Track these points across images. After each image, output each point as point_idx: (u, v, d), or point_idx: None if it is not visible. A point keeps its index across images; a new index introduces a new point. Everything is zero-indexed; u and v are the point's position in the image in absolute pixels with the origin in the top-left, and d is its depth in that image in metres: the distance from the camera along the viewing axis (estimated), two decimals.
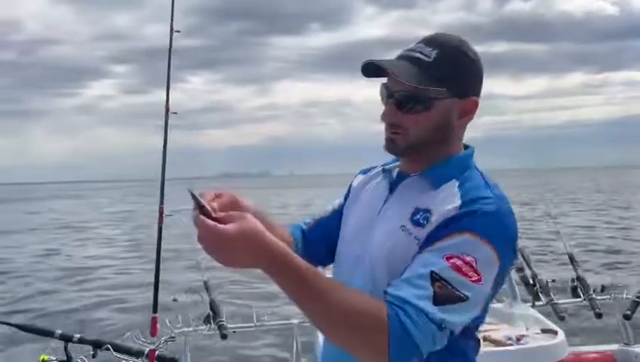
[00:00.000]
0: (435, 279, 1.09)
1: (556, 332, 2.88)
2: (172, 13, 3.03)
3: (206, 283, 3.23)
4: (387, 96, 1.29)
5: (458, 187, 1.24)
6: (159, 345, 2.80)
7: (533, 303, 3.34)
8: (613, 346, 3.33)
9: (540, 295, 3.35)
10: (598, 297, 3.36)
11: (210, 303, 3.10)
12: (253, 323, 3.19)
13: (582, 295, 3.38)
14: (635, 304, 3.28)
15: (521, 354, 2.71)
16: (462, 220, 1.16)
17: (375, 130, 1.34)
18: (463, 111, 1.28)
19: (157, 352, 2.75)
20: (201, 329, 3.05)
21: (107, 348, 2.62)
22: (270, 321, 3.22)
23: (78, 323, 8.52)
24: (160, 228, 3.00)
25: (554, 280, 3.48)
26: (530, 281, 3.42)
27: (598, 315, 3.23)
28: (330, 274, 1.47)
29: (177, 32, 3.04)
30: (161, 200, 3.04)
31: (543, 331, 2.95)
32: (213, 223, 1.06)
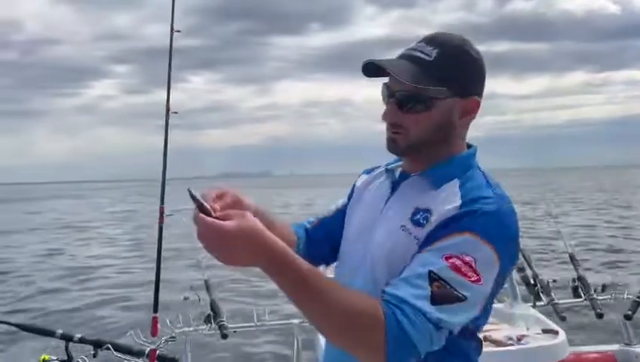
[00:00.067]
0: (433, 279, 1.09)
1: (557, 332, 2.87)
2: (172, 13, 3.03)
3: (206, 283, 3.23)
4: (388, 96, 1.29)
5: (459, 187, 1.23)
6: (160, 344, 2.80)
7: (534, 303, 3.34)
8: (614, 346, 3.33)
9: (541, 295, 3.35)
10: (599, 297, 3.35)
11: (210, 303, 3.09)
12: (253, 323, 3.19)
13: (583, 295, 3.38)
14: (636, 304, 3.27)
15: (522, 354, 2.70)
16: (462, 220, 1.15)
17: (376, 130, 1.33)
18: (465, 111, 1.27)
19: (157, 352, 2.76)
20: (201, 328, 3.05)
21: (108, 348, 2.62)
22: (271, 321, 3.22)
23: (80, 322, 8.53)
24: (160, 227, 3.00)
25: (555, 280, 3.47)
26: (531, 281, 3.41)
27: (599, 315, 3.22)
28: (333, 273, 1.47)
29: (178, 31, 3.04)
30: (162, 200, 3.05)
31: (544, 331, 2.95)
32: (212, 220, 1.05)
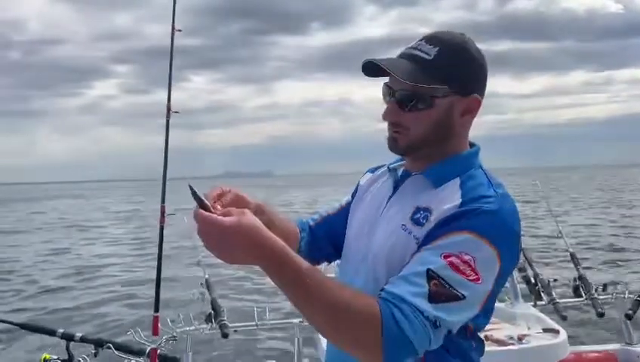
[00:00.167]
0: (431, 277, 1.08)
1: (558, 332, 2.87)
2: (173, 12, 3.03)
3: (207, 282, 3.23)
4: (388, 95, 1.29)
5: (460, 185, 1.23)
6: (161, 344, 2.81)
7: (535, 302, 3.34)
8: (615, 345, 3.33)
9: (542, 294, 3.35)
10: (600, 296, 3.35)
11: (211, 302, 3.09)
12: (254, 322, 3.19)
13: (584, 294, 3.38)
14: (637, 303, 3.27)
15: (523, 353, 2.70)
16: (462, 219, 1.15)
17: (377, 129, 1.34)
18: (466, 109, 1.27)
19: (158, 351, 2.76)
20: (202, 328, 3.05)
21: (109, 347, 2.63)
22: (271, 320, 3.22)
23: (83, 320, 8.55)
24: (161, 227, 3.01)
25: (556, 280, 3.47)
26: (532, 280, 3.41)
27: (600, 314, 3.22)
28: (336, 271, 1.47)
29: (179, 30, 3.04)
30: (163, 199, 3.05)
31: (545, 330, 2.94)
32: (213, 216, 1.05)
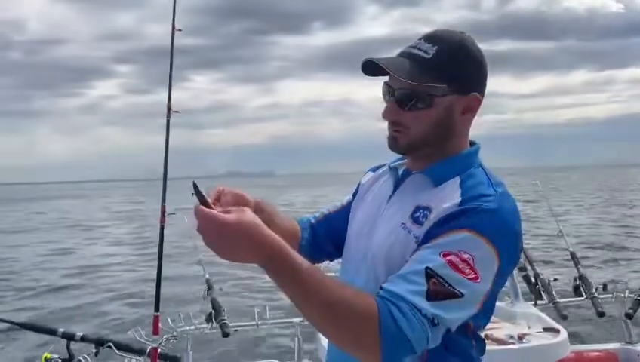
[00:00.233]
0: (430, 275, 1.09)
1: (558, 331, 2.87)
2: (174, 12, 3.03)
3: (208, 281, 3.23)
4: (388, 94, 1.29)
5: (460, 184, 1.22)
6: (161, 343, 2.81)
7: (536, 302, 3.34)
8: (616, 345, 3.33)
9: (542, 293, 3.35)
10: (601, 296, 3.35)
11: (211, 301, 3.10)
12: (255, 321, 3.19)
13: (584, 293, 3.38)
14: (637, 302, 3.27)
15: (523, 352, 2.70)
16: (461, 217, 1.15)
17: (379, 129, 1.34)
18: (466, 108, 1.26)
19: (159, 350, 2.76)
20: (203, 327, 3.05)
21: (109, 346, 2.63)
22: (272, 319, 3.22)
23: (85, 320, 8.56)
24: (162, 226, 3.01)
25: (556, 279, 3.47)
26: (533, 280, 3.41)
27: (600, 314, 3.22)
28: (336, 271, 1.47)
29: (179, 30, 3.04)
30: (163, 199, 3.05)
31: (545, 329, 2.95)
32: (213, 212, 1.05)
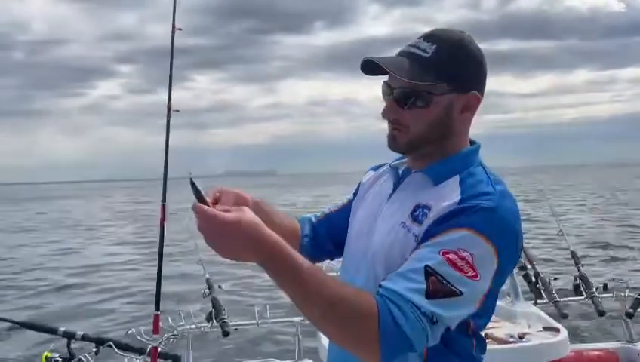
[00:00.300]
0: (429, 273, 1.09)
1: (558, 330, 2.87)
2: (174, 10, 3.03)
3: (208, 281, 3.23)
4: (387, 94, 1.29)
5: (459, 183, 1.23)
6: (162, 342, 2.82)
7: (536, 301, 3.34)
8: (616, 344, 3.33)
9: (543, 293, 3.35)
10: (601, 295, 3.35)
11: (212, 300, 3.10)
12: (255, 321, 3.19)
13: (584, 293, 3.38)
14: (637, 302, 3.27)
15: (524, 351, 2.70)
16: (460, 215, 1.15)
17: (381, 128, 1.33)
18: (465, 106, 1.26)
19: (159, 349, 2.77)
20: (203, 326, 3.05)
21: (109, 346, 2.64)
22: (272, 318, 3.23)
23: (85, 319, 8.56)
24: (162, 225, 3.01)
25: (556, 278, 3.48)
26: (533, 279, 3.41)
27: (601, 313, 3.22)
28: (337, 269, 1.47)
29: (179, 29, 3.04)
30: (164, 198, 3.05)
31: (545, 329, 2.94)
32: (212, 210, 1.06)
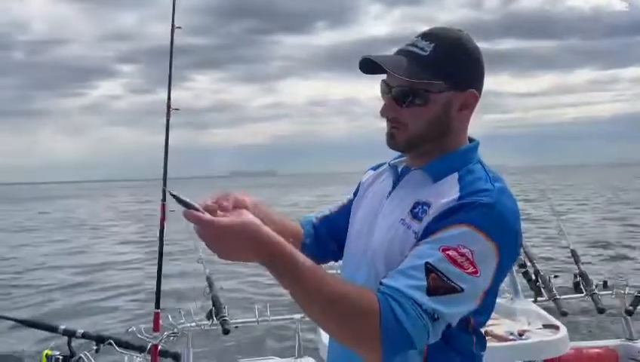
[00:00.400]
0: (429, 270, 1.09)
1: (558, 328, 2.87)
2: (173, 9, 3.04)
3: (209, 279, 3.23)
4: (386, 92, 1.29)
5: (458, 180, 1.23)
6: (162, 340, 2.82)
7: (535, 298, 3.33)
8: (616, 341, 3.33)
9: (542, 290, 3.35)
10: (601, 293, 3.35)
11: (212, 298, 3.10)
12: (255, 318, 3.20)
13: (584, 290, 3.38)
14: (637, 299, 3.27)
15: (523, 349, 2.70)
16: (459, 212, 1.15)
17: (382, 127, 1.34)
18: (463, 104, 1.27)
19: (159, 347, 2.77)
20: (203, 324, 3.05)
21: (110, 343, 2.65)
22: (272, 316, 3.23)
23: (86, 317, 8.58)
24: (162, 224, 3.02)
25: (556, 276, 3.48)
26: (533, 277, 3.41)
27: (600, 310, 3.23)
28: (338, 267, 1.47)
29: (178, 28, 3.05)
30: (164, 197, 3.06)
31: (545, 326, 2.94)
32: (207, 216, 1.06)
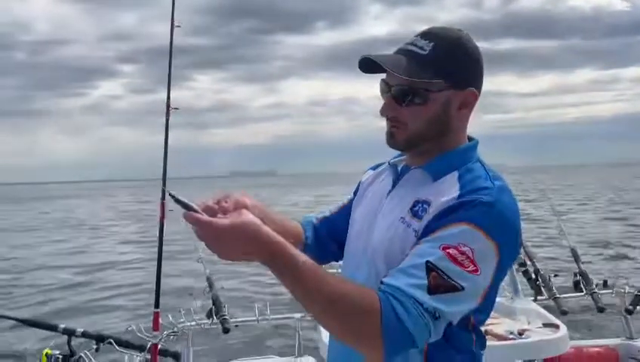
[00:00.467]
0: (430, 269, 1.09)
1: (558, 327, 2.87)
2: (172, 7, 3.04)
3: (209, 278, 3.24)
4: (386, 91, 1.30)
5: (458, 178, 1.23)
6: (161, 339, 2.82)
7: (535, 297, 3.33)
8: (616, 340, 3.33)
9: (542, 289, 3.35)
10: (601, 292, 3.35)
11: (212, 297, 3.10)
12: (255, 317, 3.20)
13: (584, 289, 3.38)
14: (637, 298, 3.27)
15: (523, 348, 2.70)
16: (459, 210, 1.15)
17: (383, 127, 1.34)
18: (462, 103, 1.27)
19: (159, 346, 2.77)
20: (203, 323, 3.05)
21: (110, 343, 2.65)
22: (272, 315, 3.23)
23: (86, 316, 8.59)
24: (161, 223, 3.02)
25: (556, 275, 3.47)
26: (533, 276, 3.40)
27: (600, 309, 3.23)
28: (339, 268, 1.47)
29: (178, 26, 3.05)
30: (163, 196, 3.06)
31: (545, 325, 2.94)
32: (205, 218, 1.07)
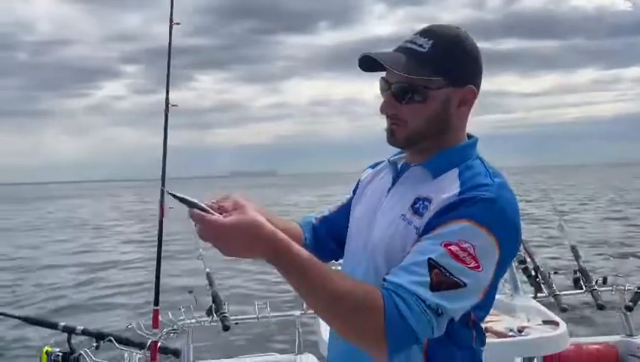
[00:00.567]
0: (432, 266, 1.10)
1: (558, 324, 2.87)
2: (172, 6, 3.04)
3: (209, 276, 3.24)
4: (385, 89, 1.30)
5: (458, 175, 1.23)
6: (161, 336, 2.83)
7: (535, 294, 3.34)
8: (616, 337, 3.34)
9: (542, 286, 3.35)
10: (600, 289, 3.36)
11: (212, 295, 3.11)
12: (255, 315, 3.20)
13: (584, 286, 3.39)
14: (637, 295, 3.28)
15: (523, 345, 2.70)
16: (460, 207, 1.16)
17: (383, 125, 1.34)
18: (462, 101, 1.28)
19: (159, 344, 2.78)
20: (203, 320, 3.06)
21: (110, 340, 2.65)
22: (272, 312, 3.23)
23: (90, 315, 8.60)
24: (161, 222, 3.02)
25: (556, 272, 3.48)
26: (533, 273, 3.41)
27: (600, 306, 3.23)
28: (339, 267, 1.47)
29: (177, 24, 3.05)
30: (162, 196, 3.05)
31: (545, 322, 2.94)
32: (210, 216, 1.07)
